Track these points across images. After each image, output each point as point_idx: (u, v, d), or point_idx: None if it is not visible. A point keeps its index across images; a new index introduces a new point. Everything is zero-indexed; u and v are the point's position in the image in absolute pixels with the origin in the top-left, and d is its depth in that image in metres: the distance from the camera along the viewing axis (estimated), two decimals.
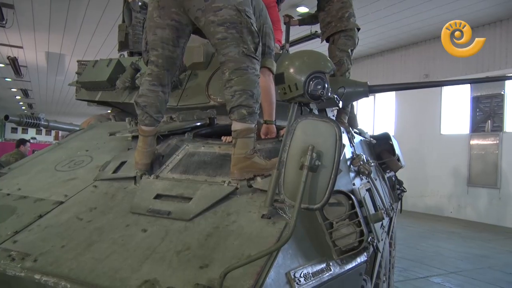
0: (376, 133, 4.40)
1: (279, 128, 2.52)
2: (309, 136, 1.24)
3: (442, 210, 10.94)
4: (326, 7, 3.47)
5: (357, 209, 1.61)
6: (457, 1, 8.46)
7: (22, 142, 7.62)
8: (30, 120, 6.47)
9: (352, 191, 1.91)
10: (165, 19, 1.94)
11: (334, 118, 3.44)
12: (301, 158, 1.22)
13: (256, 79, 1.84)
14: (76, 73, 3.78)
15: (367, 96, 3.02)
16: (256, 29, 1.87)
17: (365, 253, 1.70)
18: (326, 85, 1.62)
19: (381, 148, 3.83)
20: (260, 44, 1.91)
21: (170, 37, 1.98)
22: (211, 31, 1.85)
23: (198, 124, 2.39)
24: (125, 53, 3.87)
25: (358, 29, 3.45)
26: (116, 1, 8.18)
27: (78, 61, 3.88)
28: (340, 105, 1.93)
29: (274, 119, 2.22)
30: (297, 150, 1.24)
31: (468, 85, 10.42)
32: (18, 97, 22.63)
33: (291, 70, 1.64)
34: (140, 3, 3.97)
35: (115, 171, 2.07)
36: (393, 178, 4.39)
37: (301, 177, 1.19)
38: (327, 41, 3.52)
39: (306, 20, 4.11)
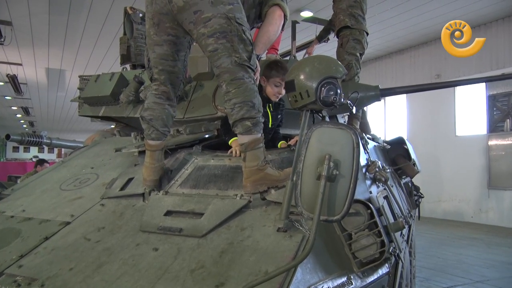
0: (388, 138, 4.37)
1: (287, 137, 2.52)
2: (325, 144, 1.23)
3: (462, 215, 10.79)
4: None
5: (377, 218, 1.59)
6: None
7: (40, 162, 7.53)
8: (32, 139, 6.56)
9: (370, 200, 1.89)
10: (161, 35, 1.97)
11: (345, 123, 3.43)
12: (318, 168, 1.21)
13: (254, 88, 1.84)
14: (78, 88, 3.82)
15: (379, 100, 3.01)
16: (248, 36, 1.86)
17: (386, 264, 1.67)
18: (339, 91, 1.61)
19: (395, 153, 3.80)
20: (254, 52, 1.90)
21: (169, 53, 2.01)
22: (203, 44, 1.86)
23: (206, 136, 2.40)
24: (128, 66, 3.91)
25: (367, 34, 3.46)
26: (116, 13, 8.29)
27: (79, 76, 3.93)
28: (354, 110, 1.92)
29: (261, 55, 2.16)
30: (313, 159, 1.23)
31: (483, 84, 10.34)
32: (18, 115, 22.89)
33: (302, 77, 1.64)
34: (141, 15, 4.02)
35: (122, 188, 2.08)
36: (410, 184, 4.35)
37: (318, 188, 1.18)
38: (338, 36, 3.52)
39: (322, 34, 4.13)
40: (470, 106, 10.96)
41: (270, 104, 2.43)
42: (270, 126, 2.44)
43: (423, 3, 8.75)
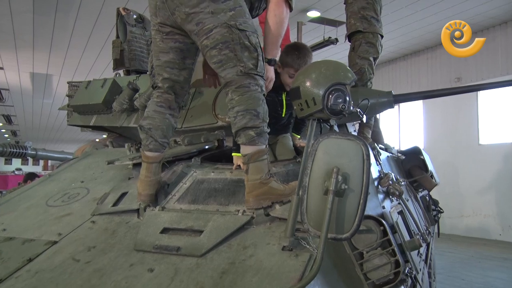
0: (403, 147, 4.40)
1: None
2: (333, 156, 1.25)
3: (489, 232, 10.68)
4: (349, 0, 3.54)
5: (390, 235, 1.61)
6: None
7: (30, 177, 7.40)
8: (15, 150, 6.59)
9: (383, 215, 1.91)
10: (168, 42, 2.03)
11: (355, 133, 3.46)
12: (325, 182, 1.24)
13: (260, 96, 1.89)
14: (67, 95, 3.88)
15: (392, 107, 3.04)
16: (253, 41, 1.90)
17: (402, 287, 1.68)
18: (348, 98, 1.64)
19: (411, 164, 3.82)
20: (261, 57, 1.94)
21: (175, 61, 2.06)
22: (207, 56, 1.93)
23: (206, 147, 2.42)
24: (121, 72, 3.96)
25: (382, 36, 3.49)
26: (108, 13, 8.37)
27: (68, 83, 3.99)
28: (364, 119, 1.95)
29: (275, 57, 2.16)
30: (320, 173, 1.26)
31: (510, 87, 10.30)
32: None
33: (308, 84, 1.67)
34: (135, 16, 4.09)
35: (115, 204, 2.10)
36: (427, 197, 4.36)
37: (326, 204, 1.21)
38: (350, 40, 3.56)
39: None
40: (495, 112, 10.91)
41: (286, 92, 2.44)
42: (283, 115, 2.47)
43: (441, 0, 8.76)
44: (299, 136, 2.64)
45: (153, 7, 2.00)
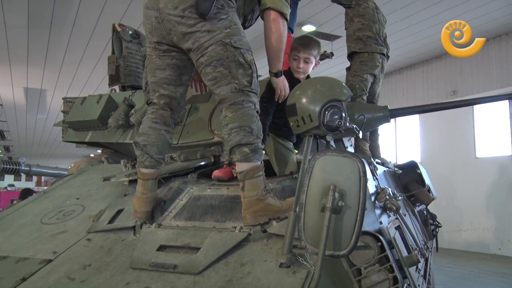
0: (400, 161, 4.42)
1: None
2: (329, 173, 1.27)
3: (488, 246, 10.65)
4: (346, 25, 3.67)
5: (388, 251, 1.62)
6: (483, 6, 8.54)
7: (26, 193, 7.39)
8: (8, 166, 6.55)
9: (380, 231, 1.92)
10: (165, 59, 2.06)
11: (352, 147, 3.49)
12: (322, 199, 1.26)
13: (254, 113, 1.92)
14: (62, 111, 3.89)
15: (388, 121, 3.07)
16: (248, 59, 1.94)
17: None
18: (344, 115, 1.67)
19: (408, 179, 3.83)
20: (255, 74, 1.97)
21: (172, 77, 2.09)
22: (202, 73, 1.97)
23: (202, 163, 2.44)
24: (117, 88, 3.99)
25: (384, 54, 3.59)
26: (103, 28, 8.41)
27: (63, 99, 4.01)
28: (360, 135, 1.98)
29: (280, 69, 2.24)
30: (317, 190, 1.28)
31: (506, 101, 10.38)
32: None
33: (304, 100, 1.70)
34: (130, 32, 4.13)
35: (111, 221, 2.10)
36: (425, 211, 4.37)
37: (323, 220, 1.23)
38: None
39: None
40: (491, 125, 10.99)
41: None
42: None
43: (435, 14, 8.86)
44: (297, 151, 2.66)
45: (149, 27, 2.03)
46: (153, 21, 1.98)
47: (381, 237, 1.65)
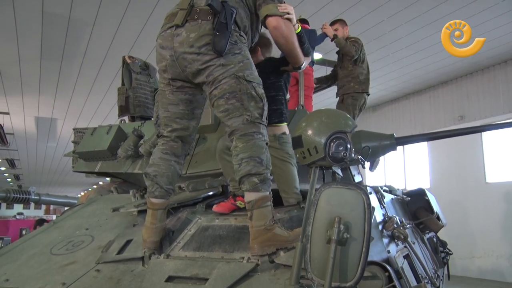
0: (409, 187, 4.42)
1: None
2: (335, 206, 1.30)
3: (503, 274, 10.38)
4: (349, 67, 4.43)
5: (395, 281, 1.62)
6: (488, 32, 8.58)
7: (40, 223, 7.42)
8: (18, 195, 6.59)
9: (388, 260, 1.92)
10: (178, 95, 2.15)
11: (359, 175, 3.50)
12: (328, 231, 1.28)
13: (263, 144, 1.98)
14: (73, 142, 3.96)
15: (395, 149, 3.09)
16: (259, 92, 2.02)
17: None
18: (349, 146, 1.70)
19: (416, 206, 3.81)
20: (266, 107, 2.04)
21: (185, 112, 2.17)
22: (215, 106, 2.05)
23: (211, 193, 2.46)
24: (126, 118, 4.06)
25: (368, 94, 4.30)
26: (112, 59, 8.60)
27: (74, 129, 4.09)
28: (367, 166, 2.00)
29: (302, 62, 2.36)
30: (323, 222, 1.30)
31: None
32: (2, 168, 23.03)
33: (309, 132, 1.74)
34: (139, 64, 4.24)
35: (120, 252, 2.12)
36: (435, 239, 4.32)
37: (329, 252, 1.24)
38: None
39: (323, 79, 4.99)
40: (501, 149, 10.90)
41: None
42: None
43: (440, 40, 8.95)
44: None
45: (163, 65, 2.12)
46: (167, 60, 2.07)
47: (388, 267, 1.65)
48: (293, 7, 2.25)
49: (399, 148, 3.14)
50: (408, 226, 2.55)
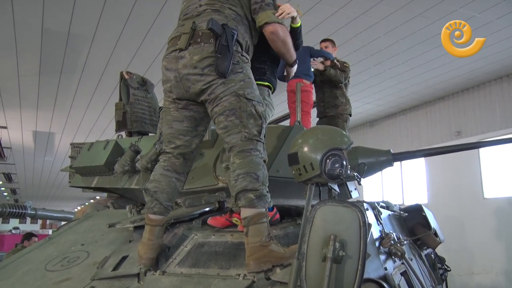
0: (407, 202, 4.42)
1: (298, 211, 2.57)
2: (330, 223, 1.30)
3: None
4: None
5: None
6: (484, 48, 8.64)
7: (27, 237, 7.44)
8: (14, 210, 6.55)
9: (385, 278, 1.92)
10: (183, 112, 2.19)
11: (356, 190, 3.50)
12: (323, 249, 1.28)
13: (260, 161, 2.01)
14: (70, 157, 3.96)
15: (391, 165, 3.09)
16: (259, 111, 2.06)
17: None
18: (345, 163, 1.71)
19: (413, 222, 3.80)
20: (264, 125, 2.08)
21: (188, 128, 2.21)
22: (216, 122, 2.10)
23: (207, 209, 2.46)
24: (123, 133, 4.07)
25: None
26: (109, 74, 8.66)
27: (71, 144, 4.09)
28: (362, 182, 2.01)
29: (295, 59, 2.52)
30: (318, 240, 1.30)
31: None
32: None
33: (305, 149, 1.75)
34: (137, 79, 4.26)
35: (115, 268, 2.11)
36: (433, 255, 4.30)
37: (324, 270, 1.24)
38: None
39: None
40: (498, 164, 10.90)
41: None
42: None
43: (437, 56, 8.97)
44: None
45: (168, 86, 2.17)
46: (172, 81, 2.12)
47: (385, 284, 1.65)
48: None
49: (397, 163, 3.14)
50: (405, 242, 2.55)
